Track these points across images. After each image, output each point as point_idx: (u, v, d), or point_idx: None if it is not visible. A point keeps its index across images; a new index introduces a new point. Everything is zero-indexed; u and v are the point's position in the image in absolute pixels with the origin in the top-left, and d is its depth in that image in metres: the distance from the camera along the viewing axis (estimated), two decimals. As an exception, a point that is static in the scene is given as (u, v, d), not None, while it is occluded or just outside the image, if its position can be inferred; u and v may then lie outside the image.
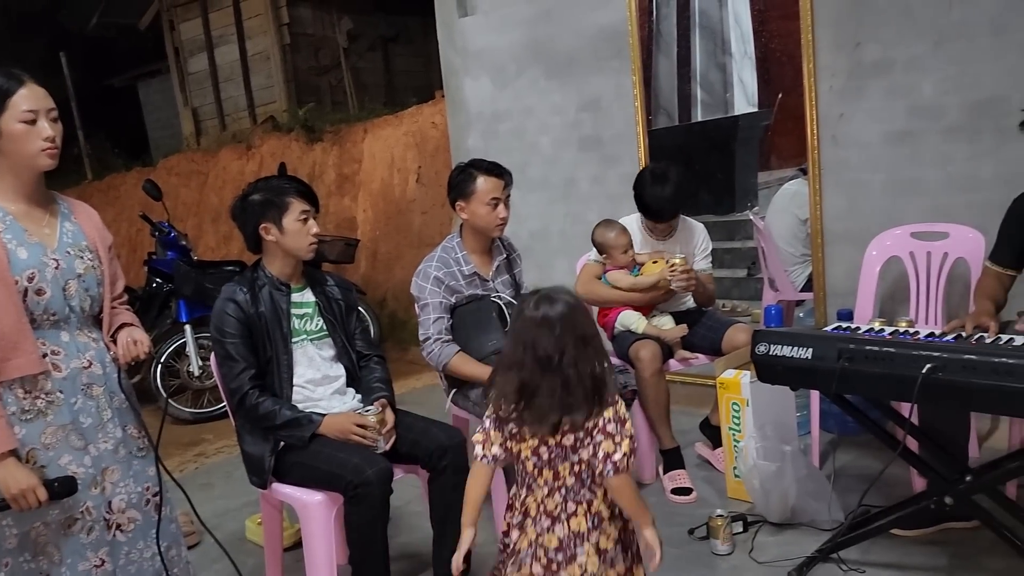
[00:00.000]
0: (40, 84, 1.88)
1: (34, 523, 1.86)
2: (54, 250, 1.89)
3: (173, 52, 10.43)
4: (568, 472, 1.73)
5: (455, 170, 2.91)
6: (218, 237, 8.34)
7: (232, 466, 3.95)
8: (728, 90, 4.76)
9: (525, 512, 1.80)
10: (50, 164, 1.87)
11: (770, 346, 2.36)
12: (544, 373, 1.68)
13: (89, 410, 1.93)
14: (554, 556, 1.73)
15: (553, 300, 1.71)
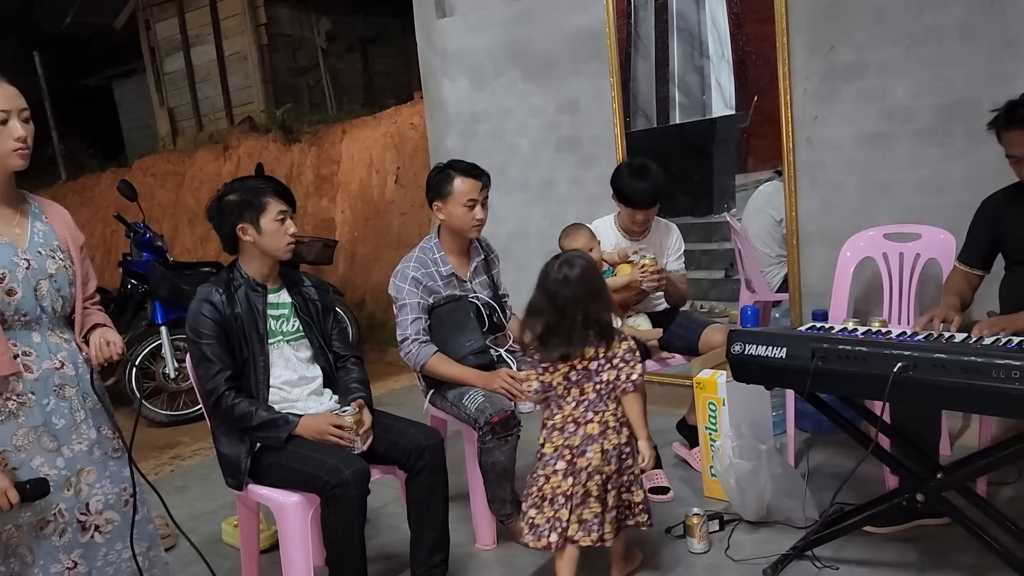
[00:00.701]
0: (12, 84, 1.86)
1: (5, 526, 1.84)
2: (25, 250, 1.87)
3: (149, 52, 10.34)
4: (591, 390, 2.34)
5: (433, 170, 2.91)
6: (194, 238, 8.27)
7: (208, 469, 3.92)
8: (705, 93, 4.79)
9: (553, 427, 2.37)
10: (21, 164, 1.85)
11: (745, 346, 2.38)
12: (563, 318, 2.28)
13: (62, 411, 1.91)
14: (574, 452, 2.31)
15: (572, 263, 2.32)
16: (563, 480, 2.31)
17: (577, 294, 2.27)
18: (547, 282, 2.33)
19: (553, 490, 2.33)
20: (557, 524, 2.32)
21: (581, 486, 2.29)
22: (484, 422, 2.61)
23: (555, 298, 2.29)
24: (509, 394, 2.69)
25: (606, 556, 2.50)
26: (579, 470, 2.29)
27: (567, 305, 2.27)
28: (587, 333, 2.29)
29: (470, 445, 2.80)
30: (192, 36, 9.80)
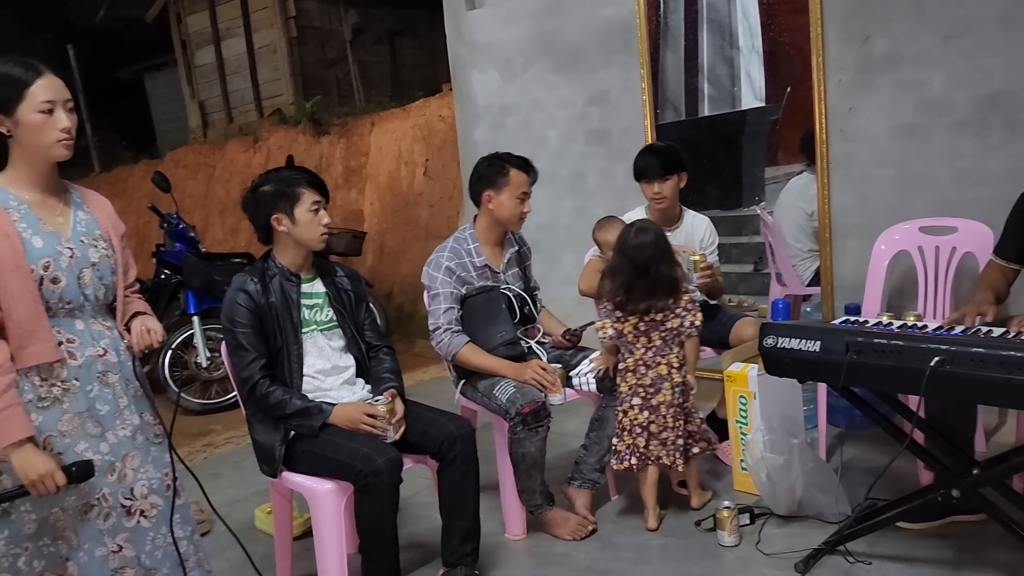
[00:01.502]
0: (56, 75, 1.88)
1: (52, 508, 1.87)
2: (68, 239, 1.90)
3: (180, 45, 10.45)
4: (658, 337, 2.72)
5: (484, 161, 2.91)
6: (225, 229, 8.37)
7: (240, 456, 3.98)
8: (735, 84, 4.75)
9: (626, 369, 2.76)
10: (66, 155, 1.87)
11: (778, 339, 2.36)
12: (643, 277, 2.67)
13: (105, 397, 1.94)
14: (647, 391, 2.72)
15: (646, 230, 2.71)
16: (639, 413, 2.73)
17: (653, 255, 2.66)
18: (625, 247, 2.71)
19: (631, 422, 2.74)
20: (635, 450, 2.75)
21: (660, 417, 2.71)
22: (515, 413, 2.63)
23: (633, 260, 2.67)
24: (540, 385, 2.70)
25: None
26: (656, 405, 2.71)
27: (646, 265, 2.66)
28: (662, 288, 2.68)
29: (500, 436, 2.82)
30: (222, 29, 9.89)
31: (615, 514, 2.98)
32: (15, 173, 1.88)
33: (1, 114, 1.81)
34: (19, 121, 1.81)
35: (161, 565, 2.01)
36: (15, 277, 1.80)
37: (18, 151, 1.86)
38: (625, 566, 2.62)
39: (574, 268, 4.25)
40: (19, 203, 1.86)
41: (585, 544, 2.78)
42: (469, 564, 2.51)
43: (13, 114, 1.81)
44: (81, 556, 1.91)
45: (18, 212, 1.85)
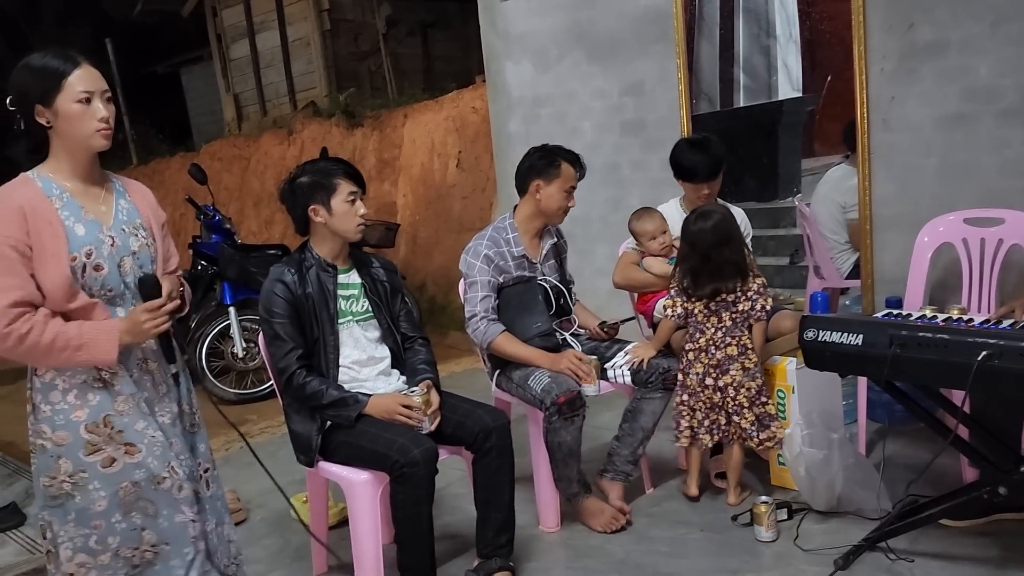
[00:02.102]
0: (94, 66, 1.89)
1: (121, 483, 1.88)
2: (110, 227, 1.92)
3: (215, 38, 10.54)
4: (728, 318, 2.76)
5: (536, 151, 2.90)
6: (260, 221, 8.45)
7: (276, 446, 4.00)
8: (772, 74, 4.69)
9: (697, 348, 2.79)
10: (104, 144, 1.89)
11: (819, 332, 2.33)
12: (708, 261, 2.71)
13: (145, 384, 1.95)
14: (717, 371, 2.76)
15: (708, 215, 2.73)
16: (713, 394, 2.77)
17: (717, 240, 2.70)
18: (687, 233, 2.75)
19: (705, 402, 2.79)
20: (716, 426, 2.80)
21: (731, 400, 2.74)
22: (551, 402, 2.62)
23: (695, 246, 2.72)
24: (575, 375, 2.69)
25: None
26: (726, 386, 2.74)
27: (710, 250, 2.70)
28: (728, 271, 2.71)
29: (535, 427, 2.81)
30: (257, 22, 9.95)
31: (650, 507, 2.96)
32: (56, 163, 1.90)
33: (40, 105, 1.83)
34: (58, 111, 1.83)
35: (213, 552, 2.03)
36: (54, 264, 1.82)
37: (58, 142, 1.88)
38: (660, 560, 2.60)
39: (607, 260, 4.22)
40: (61, 191, 1.88)
41: (620, 537, 2.77)
42: (504, 556, 2.50)
43: (52, 104, 1.83)
44: (161, 522, 1.92)
45: (60, 200, 1.87)
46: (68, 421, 1.87)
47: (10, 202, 1.82)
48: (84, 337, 1.81)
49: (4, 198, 1.83)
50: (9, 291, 1.77)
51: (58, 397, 1.88)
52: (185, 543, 1.94)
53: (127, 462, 1.89)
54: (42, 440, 1.88)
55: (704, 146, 3.12)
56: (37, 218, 1.82)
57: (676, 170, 3.20)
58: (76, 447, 1.87)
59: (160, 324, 1.87)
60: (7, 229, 1.79)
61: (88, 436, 1.87)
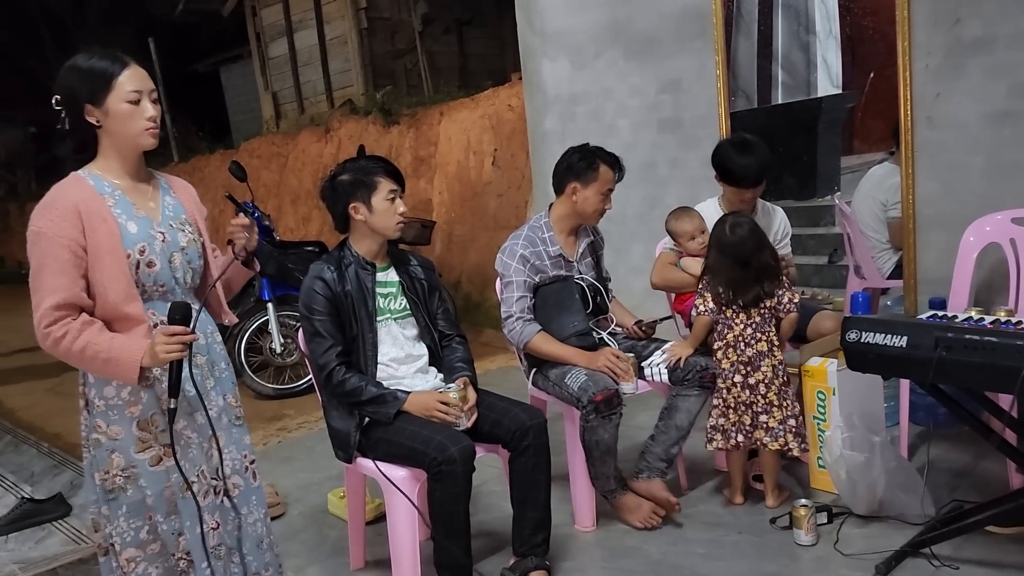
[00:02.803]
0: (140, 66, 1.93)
1: (166, 483, 1.92)
2: (159, 223, 1.95)
3: (254, 37, 10.68)
4: (757, 314, 2.76)
5: (575, 152, 2.89)
6: (297, 218, 8.53)
7: (313, 441, 4.05)
8: (811, 71, 4.63)
9: (727, 344, 2.78)
10: (152, 143, 1.92)
11: (862, 333, 2.29)
12: (742, 270, 2.73)
13: (194, 378, 1.99)
14: (747, 368, 2.75)
15: (740, 224, 2.75)
16: (741, 391, 2.75)
17: (755, 247, 2.73)
18: (724, 244, 2.76)
19: (735, 399, 2.76)
20: (742, 427, 2.76)
21: (762, 397, 2.73)
22: (588, 400, 2.61)
23: (735, 255, 2.73)
24: (612, 373, 2.68)
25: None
26: (756, 383, 2.73)
27: (748, 258, 2.72)
28: (768, 276, 2.74)
29: (571, 425, 2.81)
30: (295, 21, 10.06)
31: (687, 508, 2.93)
32: (106, 162, 1.93)
33: (91, 104, 1.86)
34: (108, 111, 1.86)
35: (242, 545, 2.05)
36: (111, 260, 1.86)
37: (108, 141, 1.91)
38: (697, 561, 2.59)
39: (643, 259, 4.20)
40: (113, 189, 1.92)
41: (656, 537, 2.76)
42: (540, 554, 2.51)
43: (102, 104, 1.86)
44: (186, 534, 1.96)
45: (113, 198, 1.91)
46: (122, 416, 1.91)
47: (66, 201, 1.85)
48: (112, 352, 1.83)
49: (59, 197, 1.87)
50: (56, 292, 1.81)
51: (112, 392, 1.91)
52: (203, 558, 1.97)
53: (167, 464, 1.93)
54: (97, 434, 1.92)
55: (750, 149, 3.05)
56: (92, 216, 1.85)
57: (722, 174, 3.15)
58: (128, 442, 1.91)
59: (172, 351, 1.79)
60: (62, 229, 1.83)
61: (139, 433, 1.91)
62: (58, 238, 1.82)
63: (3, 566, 2.65)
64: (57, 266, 1.82)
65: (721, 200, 3.28)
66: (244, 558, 2.05)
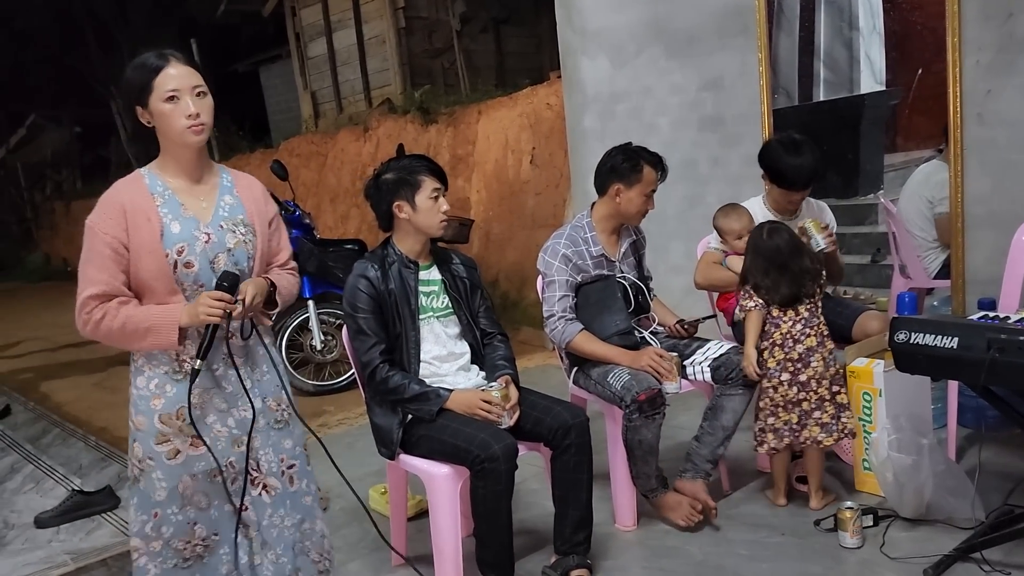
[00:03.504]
0: (187, 62, 1.94)
1: (182, 476, 1.97)
2: (207, 224, 1.98)
3: (294, 37, 10.79)
4: (804, 309, 2.76)
5: (619, 153, 2.87)
6: (336, 216, 8.61)
7: (353, 437, 4.09)
8: (854, 67, 4.56)
9: (773, 343, 2.76)
10: (196, 140, 1.93)
11: (911, 334, 2.25)
12: (785, 271, 2.75)
13: (230, 378, 2.01)
14: (796, 365, 2.72)
15: (778, 231, 2.79)
16: (789, 389, 2.72)
17: (793, 252, 2.76)
18: (763, 250, 2.79)
19: (783, 398, 2.73)
20: (790, 426, 2.74)
21: (813, 393, 2.71)
22: (631, 400, 2.61)
23: (774, 261, 2.76)
24: (655, 373, 2.67)
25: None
26: (808, 380, 2.71)
27: (788, 261, 2.75)
28: (809, 278, 2.77)
29: (612, 424, 2.80)
30: (334, 21, 10.15)
31: (729, 509, 2.91)
32: (164, 161, 1.98)
33: (139, 106, 1.92)
34: (153, 112, 1.91)
35: (276, 544, 2.07)
36: (151, 259, 1.91)
37: (163, 140, 1.96)
38: (740, 563, 2.57)
39: (683, 258, 4.18)
40: (165, 189, 1.96)
41: (698, 538, 2.74)
42: (581, 553, 2.51)
43: (147, 106, 1.91)
44: (212, 513, 2.01)
45: (162, 198, 1.95)
46: (147, 408, 1.96)
47: (114, 200, 1.92)
48: (150, 321, 1.89)
49: (111, 196, 1.94)
50: (94, 284, 1.88)
51: (143, 383, 1.97)
52: (232, 531, 2.01)
53: (190, 454, 1.97)
54: (131, 421, 1.99)
55: (801, 149, 3.01)
56: (137, 215, 1.91)
57: (773, 175, 3.10)
58: (149, 434, 1.96)
59: (213, 314, 1.86)
60: (107, 226, 1.89)
61: (160, 426, 1.95)
62: (102, 234, 1.89)
63: (55, 556, 2.71)
64: (100, 261, 1.89)
65: (766, 199, 3.24)
66: (279, 558, 2.08)
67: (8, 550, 2.81)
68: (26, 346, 8.14)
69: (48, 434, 4.51)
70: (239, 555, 2.04)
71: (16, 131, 17.93)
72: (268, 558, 2.07)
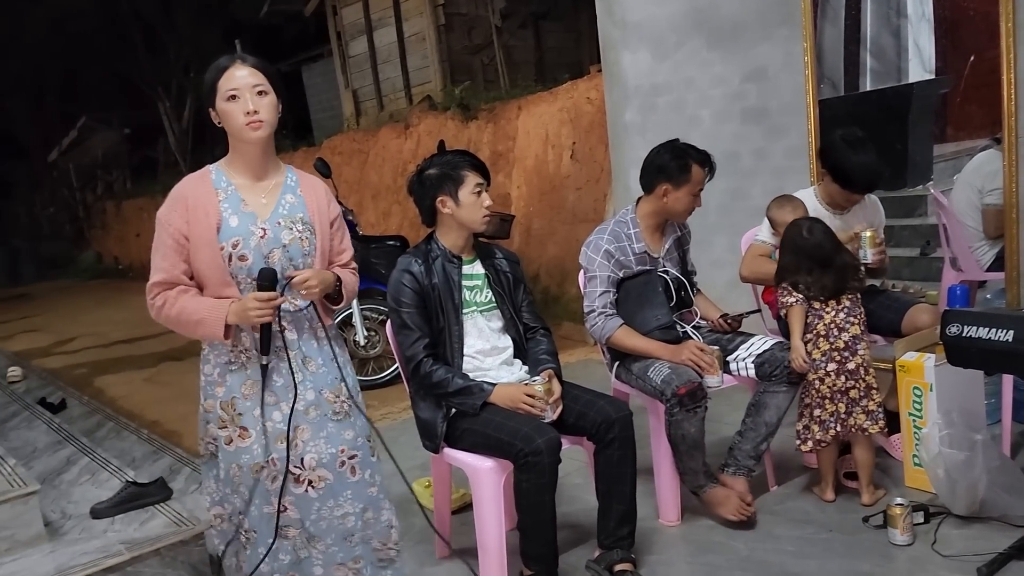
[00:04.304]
0: (249, 62, 2.02)
1: (232, 463, 2.05)
2: (265, 220, 2.04)
3: (335, 36, 10.90)
4: (847, 299, 2.75)
5: (666, 152, 2.83)
6: (378, 213, 8.68)
7: (396, 432, 4.12)
8: (902, 56, 4.46)
9: (817, 334, 2.74)
10: (255, 136, 2.00)
11: (963, 327, 2.21)
12: (827, 267, 2.74)
13: (280, 371, 2.05)
14: (843, 354, 2.70)
15: (814, 228, 2.76)
16: (836, 379, 2.70)
17: (832, 248, 2.74)
18: (803, 247, 2.77)
19: (830, 388, 2.71)
20: (838, 416, 2.72)
21: (861, 380, 2.70)
22: (671, 394, 2.59)
23: (814, 257, 2.74)
24: (697, 366, 2.65)
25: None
26: (856, 368, 2.69)
27: (827, 257, 2.73)
28: (850, 274, 2.75)
29: (655, 419, 2.79)
30: (375, 19, 10.23)
31: (774, 505, 2.88)
32: (231, 158, 2.09)
33: (211, 109, 2.03)
34: (219, 112, 2.01)
35: (325, 535, 2.10)
36: (207, 251, 2.00)
37: (230, 139, 2.06)
38: (787, 559, 2.54)
39: (725, 252, 4.14)
40: (228, 184, 2.05)
41: (743, 534, 2.71)
42: (625, 547, 2.50)
43: (215, 107, 2.01)
44: (252, 511, 2.07)
45: (225, 193, 2.04)
46: (213, 393, 2.07)
47: (180, 193, 2.03)
48: (200, 314, 1.99)
49: (178, 189, 2.05)
50: (158, 272, 2.01)
51: (209, 370, 2.08)
52: (269, 534, 2.07)
53: (239, 445, 2.04)
54: (201, 404, 2.10)
55: (866, 147, 2.96)
56: (197, 208, 2.00)
57: (838, 174, 3.03)
58: (214, 417, 2.06)
59: (263, 315, 1.96)
60: (171, 218, 2.01)
61: (220, 412, 2.05)
62: (167, 225, 2.01)
63: (111, 546, 2.78)
64: (164, 250, 2.01)
65: (819, 193, 3.19)
66: (328, 549, 2.11)
67: (66, 539, 2.89)
68: (80, 342, 8.36)
69: (102, 427, 4.62)
70: (279, 556, 2.10)
71: (68, 133, 18.42)
72: (317, 549, 2.11)
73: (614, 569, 2.45)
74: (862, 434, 2.72)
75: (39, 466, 3.69)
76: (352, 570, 2.15)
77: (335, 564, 2.13)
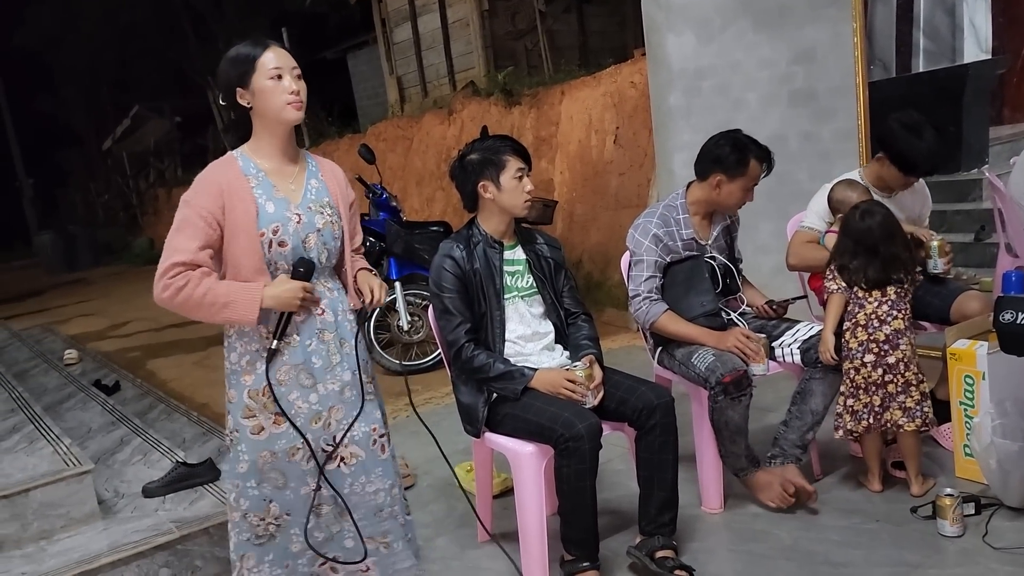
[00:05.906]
0: (283, 48, 2.05)
1: (262, 451, 2.06)
2: (297, 205, 2.06)
3: (380, 23, 10.96)
4: (892, 292, 2.67)
5: (725, 143, 2.78)
6: (422, 199, 8.73)
7: (439, 416, 4.15)
8: (957, 36, 4.33)
9: (856, 323, 2.68)
10: (296, 116, 2.03)
11: (1018, 314, 2.16)
12: (875, 255, 2.68)
13: (320, 353, 2.08)
14: (883, 347, 2.64)
15: (872, 212, 2.70)
16: (873, 371, 2.64)
17: (882, 236, 2.67)
18: (852, 231, 2.72)
19: (865, 380, 2.66)
20: (872, 409, 2.67)
21: (900, 376, 2.63)
22: (716, 381, 2.57)
23: (862, 243, 2.68)
24: (742, 354, 2.62)
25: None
26: (896, 363, 2.63)
27: (876, 246, 2.66)
28: (899, 266, 2.68)
29: (698, 406, 2.77)
30: (419, 6, 10.25)
31: (820, 494, 2.84)
32: (257, 143, 2.08)
33: (240, 87, 2.02)
34: (255, 90, 2.01)
35: (356, 509, 2.14)
36: (245, 238, 2.00)
37: (258, 122, 2.05)
38: (832, 548, 2.51)
39: (771, 237, 4.08)
40: (258, 171, 2.05)
41: (787, 522, 2.69)
42: (666, 534, 2.49)
43: (250, 85, 2.01)
44: (287, 494, 2.09)
45: (256, 179, 2.04)
46: (238, 382, 2.07)
47: (211, 179, 2.03)
48: (230, 296, 1.97)
49: (208, 175, 2.04)
50: (181, 252, 1.96)
51: (236, 358, 2.08)
52: (303, 514, 2.09)
53: (272, 432, 2.05)
54: (226, 393, 2.10)
55: (925, 131, 2.91)
56: (232, 196, 2.00)
57: (895, 156, 2.98)
58: (238, 407, 2.06)
59: (305, 306, 2.01)
60: (203, 200, 2.00)
61: (248, 401, 2.05)
62: (197, 207, 1.99)
63: (161, 524, 2.86)
64: (191, 231, 1.98)
65: (865, 175, 3.12)
66: (357, 523, 2.14)
67: (119, 517, 2.98)
68: (134, 326, 8.58)
69: (154, 409, 4.75)
70: (314, 535, 2.12)
71: (121, 122, 18.85)
72: (347, 524, 2.14)
73: (655, 555, 2.44)
74: (897, 430, 2.67)
75: (93, 446, 3.80)
76: (382, 543, 2.19)
77: (367, 537, 2.16)
